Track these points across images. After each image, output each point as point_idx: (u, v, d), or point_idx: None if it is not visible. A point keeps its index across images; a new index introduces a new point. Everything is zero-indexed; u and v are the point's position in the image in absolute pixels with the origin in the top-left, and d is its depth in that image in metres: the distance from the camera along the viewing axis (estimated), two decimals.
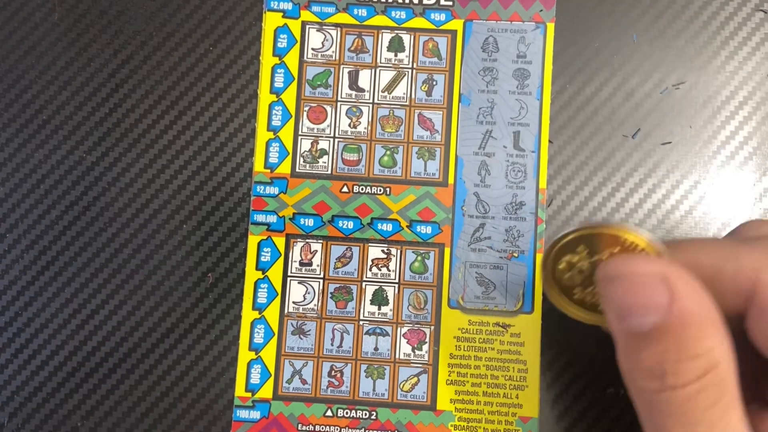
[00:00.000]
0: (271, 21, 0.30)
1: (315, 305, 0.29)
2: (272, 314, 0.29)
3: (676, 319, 0.17)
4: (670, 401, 0.17)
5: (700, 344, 0.17)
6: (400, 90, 0.30)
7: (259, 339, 0.29)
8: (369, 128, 0.29)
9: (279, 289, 0.29)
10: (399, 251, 0.29)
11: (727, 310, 0.19)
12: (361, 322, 0.29)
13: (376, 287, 0.29)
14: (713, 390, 0.17)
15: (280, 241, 0.29)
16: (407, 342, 0.29)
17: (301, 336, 0.29)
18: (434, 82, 0.29)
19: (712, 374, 0.17)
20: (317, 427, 0.28)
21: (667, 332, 0.17)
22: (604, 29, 0.30)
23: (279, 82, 0.30)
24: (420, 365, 0.28)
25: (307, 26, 0.30)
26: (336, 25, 0.30)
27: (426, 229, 0.29)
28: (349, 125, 0.29)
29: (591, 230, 0.22)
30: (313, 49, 0.30)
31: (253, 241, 0.29)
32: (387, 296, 0.29)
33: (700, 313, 0.17)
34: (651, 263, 0.18)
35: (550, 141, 0.29)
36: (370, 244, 0.29)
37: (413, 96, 0.29)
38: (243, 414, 0.28)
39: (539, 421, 0.28)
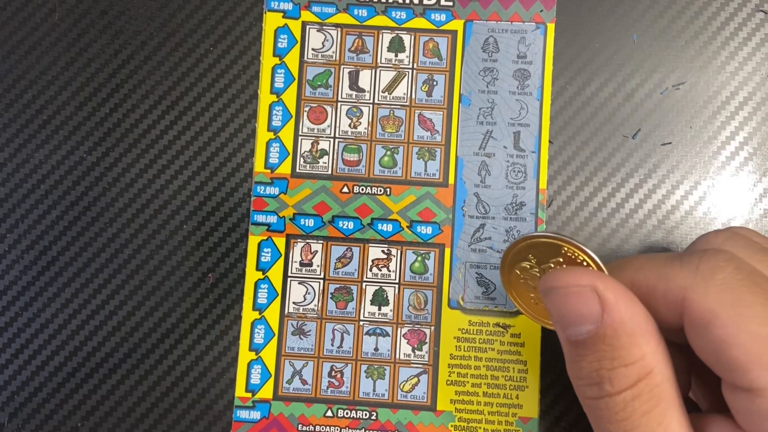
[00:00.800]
0: (271, 21, 0.30)
1: (315, 306, 0.29)
2: (272, 314, 0.29)
3: (609, 329, 0.18)
4: (608, 407, 0.18)
5: (633, 352, 0.18)
6: (401, 90, 0.30)
7: (259, 339, 0.29)
8: (369, 128, 0.29)
9: (279, 290, 0.29)
10: (399, 252, 0.29)
11: (668, 324, 0.19)
12: (361, 323, 0.29)
13: (377, 288, 0.29)
14: (648, 396, 0.18)
15: (280, 242, 0.29)
16: (407, 342, 0.29)
17: (302, 336, 0.29)
18: (434, 83, 0.29)
19: (646, 380, 0.18)
20: (317, 428, 0.28)
21: (601, 341, 0.18)
22: (604, 29, 0.30)
23: (279, 83, 0.30)
24: (420, 366, 0.28)
25: (308, 26, 0.30)
26: (336, 26, 0.30)
27: (426, 230, 0.29)
28: (350, 125, 0.29)
29: (537, 240, 0.23)
30: (313, 49, 0.30)
31: (253, 241, 0.29)
32: (387, 297, 0.29)
33: (632, 322, 0.18)
34: (584, 275, 0.19)
35: (550, 141, 0.29)
36: (370, 245, 0.29)
37: (413, 96, 0.29)
38: (243, 414, 0.28)
39: (539, 421, 0.28)
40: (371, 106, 0.29)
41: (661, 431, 0.17)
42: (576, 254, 0.22)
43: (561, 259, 0.22)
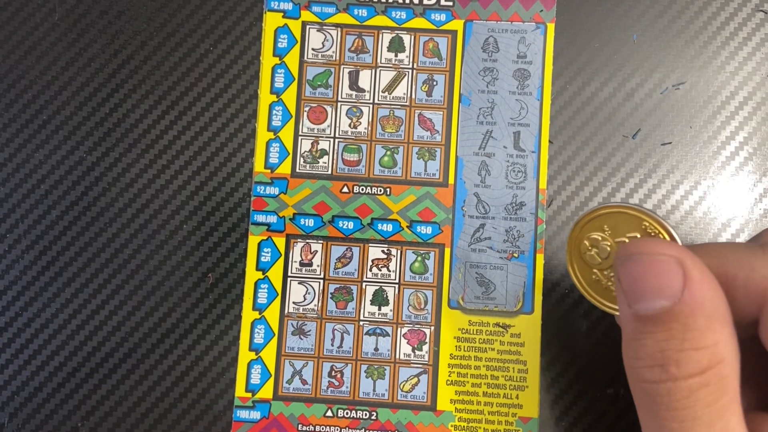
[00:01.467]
0: (271, 21, 0.30)
1: (315, 305, 0.29)
2: (272, 314, 0.29)
3: (687, 306, 0.17)
4: (670, 393, 0.17)
5: (707, 336, 0.17)
6: (401, 90, 0.30)
7: (259, 339, 0.29)
8: (369, 128, 0.29)
9: (279, 290, 0.29)
10: (399, 251, 0.29)
11: (739, 317, 0.18)
12: (361, 323, 0.29)
13: (377, 287, 0.29)
14: (716, 386, 0.16)
15: (280, 242, 0.29)
16: (407, 342, 0.29)
17: (302, 336, 0.29)
18: (434, 83, 0.29)
19: (716, 369, 0.17)
20: (317, 428, 0.28)
21: (675, 318, 0.17)
22: (604, 29, 0.30)
23: (279, 83, 0.30)
24: (420, 365, 0.28)
25: (308, 26, 0.30)
26: (336, 26, 0.30)
27: (426, 230, 0.29)
28: (350, 125, 0.29)
29: (618, 210, 0.21)
30: (313, 49, 0.30)
31: (253, 241, 0.29)
32: (387, 296, 0.29)
33: (712, 303, 0.17)
34: (669, 246, 0.18)
35: (550, 141, 0.29)
36: (370, 245, 0.29)
37: (413, 96, 0.29)
38: (243, 414, 0.28)
39: (539, 421, 0.28)
40: (371, 106, 0.29)
41: (722, 425, 0.16)
42: (657, 231, 0.20)
43: (638, 235, 0.21)
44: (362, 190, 0.29)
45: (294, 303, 0.29)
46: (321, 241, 0.29)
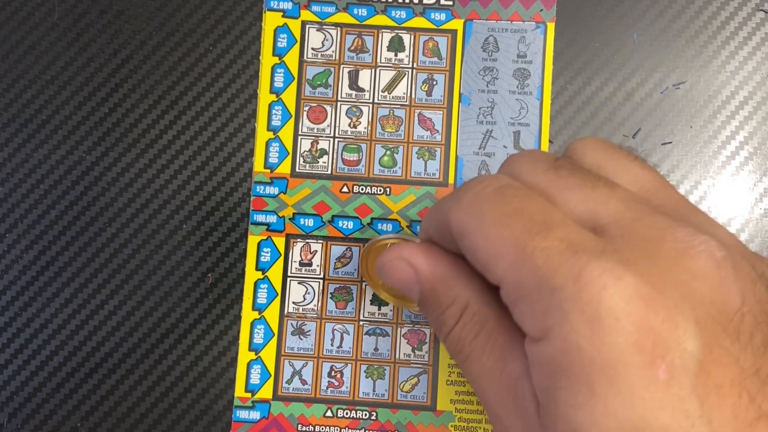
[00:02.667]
0: (270, 20, 0.30)
1: (315, 305, 0.29)
2: (272, 314, 0.29)
3: (426, 284, 0.21)
4: (450, 345, 0.21)
5: (450, 294, 0.21)
6: (400, 90, 0.29)
7: (258, 339, 0.29)
8: (369, 128, 0.29)
9: (279, 290, 0.29)
10: None
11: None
12: (361, 323, 0.29)
13: None
14: (471, 324, 0.20)
15: (280, 241, 0.29)
16: (407, 342, 0.28)
17: (301, 336, 0.29)
18: (434, 82, 0.29)
19: (466, 312, 0.20)
20: (317, 428, 0.28)
21: (427, 295, 0.21)
22: (604, 29, 0.30)
23: (279, 82, 0.30)
24: (420, 366, 0.28)
25: (307, 26, 0.30)
26: (336, 25, 0.30)
27: None
28: (349, 125, 0.29)
29: (372, 246, 0.27)
30: (313, 48, 0.30)
31: (252, 241, 0.29)
32: None
33: (438, 271, 0.21)
34: (392, 250, 0.22)
35: (550, 141, 0.29)
36: None
37: (413, 96, 0.29)
38: (243, 414, 0.28)
39: None
40: (371, 105, 0.29)
41: (490, 348, 0.19)
42: (397, 242, 0.25)
43: None
44: (362, 189, 0.29)
45: (294, 303, 0.29)
46: (321, 241, 0.29)
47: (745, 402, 0.16)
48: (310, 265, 0.29)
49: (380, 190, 0.29)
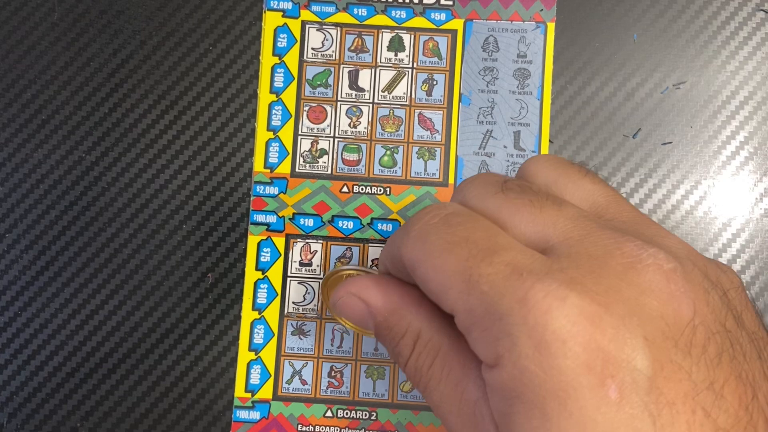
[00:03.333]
0: (270, 20, 0.30)
1: (315, 305, 0.29)
2: (272, 314, 0.29)
3: (379, 317, 0.21)
4: (409, 374, 0.21)
5: (402, 325, 0.21)
6: (400, 90, 0.29)
7: (258, 339, 0.29)
8: (369, 128, 0.29)
9: (279, 290, 0.29)
10: None
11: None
12: None
13: None
14: (426, 352, 0.20)
15: (279, 242, 0.29)
16: None
17: (301, 336, 0.29)
18: (434, 82, 0.29)
19: (419, 341, 0.20)
20: (317, 428, 0.28)
21: (381, 327, 0.21)
22: (604, 29, 0.30)
23: (279, 82, 0.30)
24: None
25: (307, 26, 0.30)
26: (336, 25, 0.30)
27: None
28: (349, 125, 0.29)
29: (330, 278, 0.27)
30: (313, 48, 0.30)
31: (252, 241, 0.29)
32: None
33: (391, 305, 0.21)
34: (343, 286, 0.22)
35: (550, 141, 0.29)
36: (370, 245, 0.29)
37: (413, 96, 0.29)
38: (243, 414, 0.28)
39: None
40: (371, 105, 0.29)
41: (446, 374, 0.19)
42: (354, 274, 0.25)
43: None
44: (362, 189, 0.29)
45: (294, 303, 0.29)
46: (321, 241, 0.29)
47: (700, 417, 0.15)
48: (310, 265, 0.29)
49: (380, 190, 0.29)
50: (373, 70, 0.30)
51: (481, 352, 0.18)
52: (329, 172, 0.29)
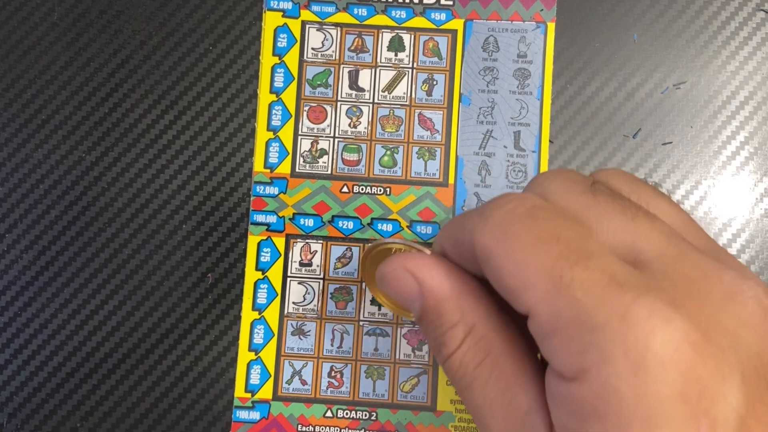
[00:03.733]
0: (270, 20, 0.30)
1: (315, 306, 0.29)
2: (272, 315, 0.29)
3: (429, 299, 0.20)
4: (450, 369, 0.19)
5: (453, 314, 0.19)
6: (401, 90, 0.29)
7: (258, 339, 0.29)
8: (369, 128, 0.29)
9: (279, 290, 0.29)
10: (399, 252, 0.29)
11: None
12: (361, 323, 0.29)
13: None
14: (476, 348, 0.19)
15: (279, 242, 0.29)
16: (407, 343, 0.28)
17: (301, 336, 0.29)
18: (434, 82, 0.29)
19: (471, 336, 0.19)
20: (317, 428, 0.28)
21: (429, 312, 0.20)
22: (604, 29, 0.30)
23: (279, 82, 0.30)
24: (420, 366, 0.28)
25: (307, 26, 0.30)
26: (336, 25, 0.30)
27: (426, 230, 0.29)
28: (349, 125, 0.29)
29: (375, 249, 0.26)
30: (313, 48, 0.30)
31: (252, 241, 0.29)
32: None
33: (445, 288, 0.20)
34: (396, 259, 0.21)
35: (550, 141, 0.29)
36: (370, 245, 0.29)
37: (413, 96, 0.29)
38: (243, 414, 0.28)
39: None
40: (371, 105, 0.29)
41: (495, 377, 0.18)
42: (403, 248, 0.24)
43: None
44: (362, 189, 0.29)
45: (294, 303, 0.29)
46: (321, 241, 0.29)
47: None
48: (310, 265, 0.29)
49: (380, 190, 0.29)
50: (373, 70, 0.30)
51: (559, 361, 0.16)
52: (329, 172, 0.29)
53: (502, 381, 0.18)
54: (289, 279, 0.29)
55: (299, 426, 0.28)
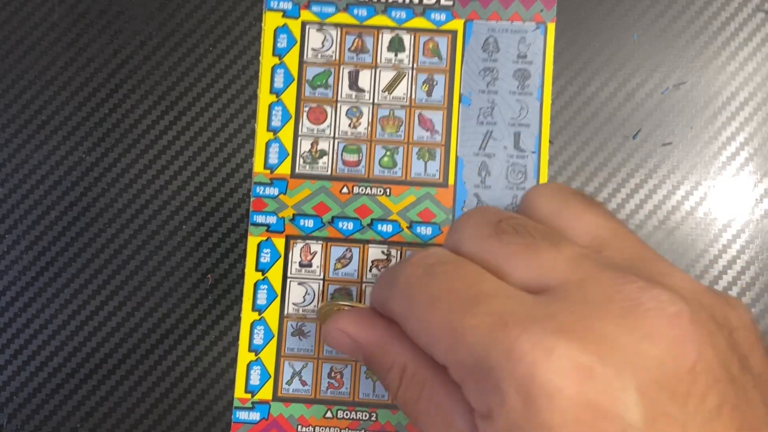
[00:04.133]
0: (270, 21, 0.30)
1: (315, 306, 0.29)
2: (272, 315, 0.29)
3: (365, 351, 0.22)
4: (400, 407, 0.21)
5: (386, 359, 0.21)
6: (401, 90, 0.29)
7: (258, 340, 0.29)
8: (369, 129, 0.29)
9: (279, 291, 0.29)
10: (399, 252, 0.29)
11: None
12: None
13: None
14: (413, 385, 0.20)
15: (279, 242, 0.29)
16: None
17: (301, 337, 0.29)
18: (434, 83, 0.29)
19: (405, 375, 0.20)
20: (317, 429, 0.28)
21: (369, 361, 0.22)
22: (604, 29, 0.29)
23: (279, 83, 0.29)
24: None
25: (307, 26, 0.30)
26: (336, 25, 0.30)
27: (426, 230, 0.29)
28: (349, 126, 0.29)
29: (335, 304, 0.26)
30: (313, 49, 0.30)
31: (252, 242, 0.29)
32: None
33: (375, 339, 0.22)
34: (331, 321, 0.23)
35: (550, 141, 0.29)
36: (370, 245, 0.29)
37: (413, 96, 0.29)
38: (242, 415, 0.28)
39: None
40: (371, 106, 0.29)
41: (434, 408, 0.19)
42: (345, 308, 0.25)
43: None
44: (362, 190, 0.29)
45: (294, 304, 0.29)
46: (320, 242, 0.29)
47: None
48: (310, 266, 0.29)
49: (380, 191, 0.29)
50: (373, 70, 0.30)
51: (474, 403, 0.17)
52: (329, 172, 0.29)
53: (441, 410, 0.19)
54: (289, 280, 0.29)
55: (299, 427, 0.28)
